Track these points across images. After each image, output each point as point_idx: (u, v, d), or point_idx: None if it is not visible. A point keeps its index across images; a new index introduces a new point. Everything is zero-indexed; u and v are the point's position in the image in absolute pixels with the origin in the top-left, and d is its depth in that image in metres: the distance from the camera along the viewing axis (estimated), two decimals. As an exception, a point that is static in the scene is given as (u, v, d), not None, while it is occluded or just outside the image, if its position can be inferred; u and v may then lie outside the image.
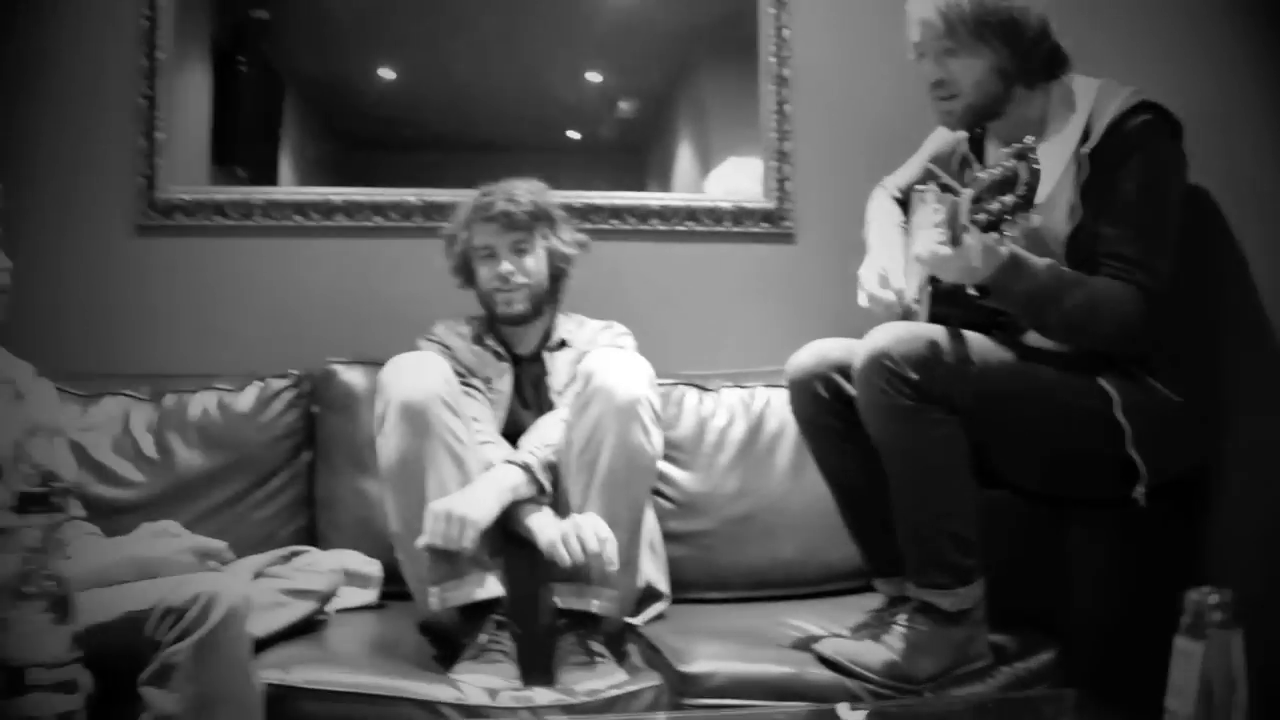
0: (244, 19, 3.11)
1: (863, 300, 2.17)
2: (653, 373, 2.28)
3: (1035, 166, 1.69)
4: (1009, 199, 1.70)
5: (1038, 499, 2.19)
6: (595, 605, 2.14)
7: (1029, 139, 1.74)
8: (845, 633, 2.14)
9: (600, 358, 2.25)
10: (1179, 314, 2.04)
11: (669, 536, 2.62)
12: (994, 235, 1.75)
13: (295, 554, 2.41)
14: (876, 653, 2.02)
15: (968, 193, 1.79)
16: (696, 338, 3.03)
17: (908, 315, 2.18)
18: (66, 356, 2.67)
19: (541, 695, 2.01)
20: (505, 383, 2.52)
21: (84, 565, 1.91)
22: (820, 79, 3.09)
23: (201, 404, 2.70)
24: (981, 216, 1.75)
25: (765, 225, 3.09)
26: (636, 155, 3.24)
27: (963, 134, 2.25)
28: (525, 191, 2.51)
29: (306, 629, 2.26)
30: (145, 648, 1.79)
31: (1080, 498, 2.09)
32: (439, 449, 2.18)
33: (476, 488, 2.17)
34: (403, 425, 2.17)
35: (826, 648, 2.08)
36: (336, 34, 3.09)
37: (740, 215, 3.09)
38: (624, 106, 3.22)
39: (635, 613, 2.40)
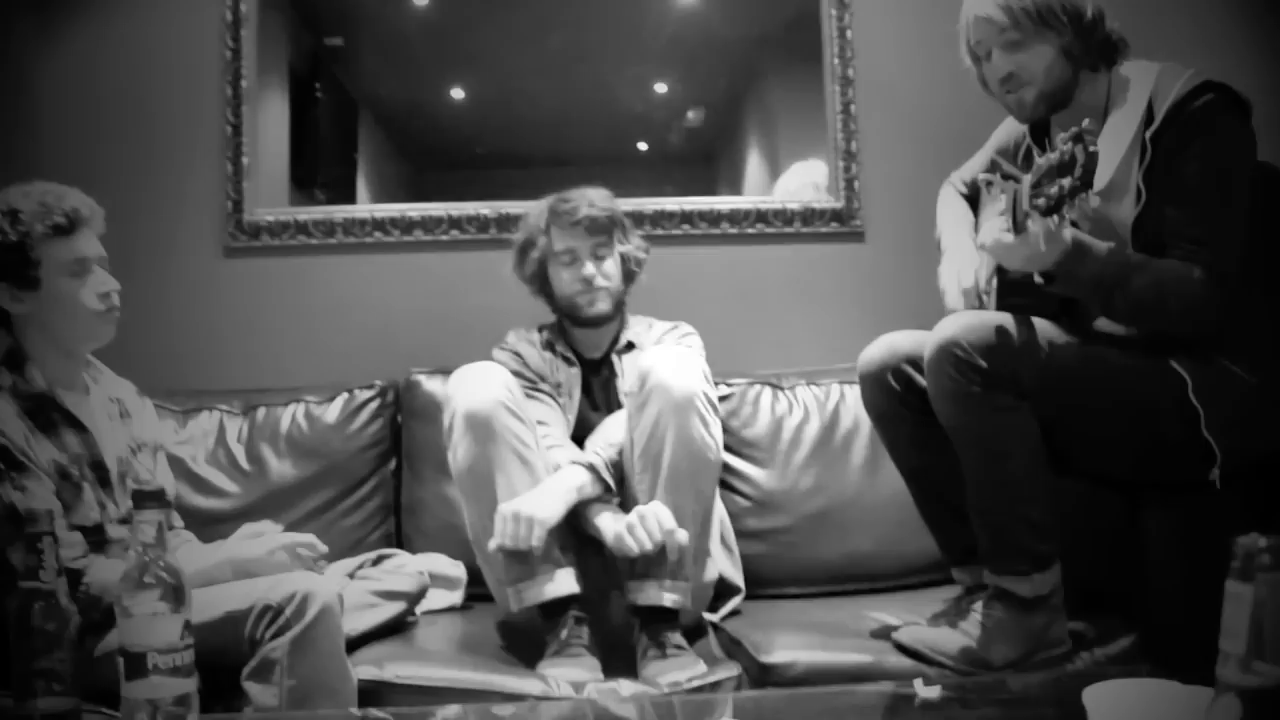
0: (319, 46, 3.23)
1: (949, 303, 2.19)
2: (706, 367, 2.33)
3: (1092, 149, 1.71)
4: (1067, 182, 1.72)
5: (1112, 484, 2.18)
6: (668, 599, 2.18)
7: (1086, 122, 1.76)
8: (923, 622, 2.16)
9: (654, 356, 2.30)
10: (1254, 294, 2.02)
11: (747, 534, 2.66)
12: (1054, 219, 1.77)
13: (384, 557, 2.51)
14: (954, 639, 2.05)
15: (1027, 178, 1.82)
16: (770, 337, 3.08)
17: (979, 305, 2.21)
18: (163, 374, 2.80)
19: (626, 687, 2.06)
20: (576, 387, 2.58)
21: (185, 569, 1.99)
22: (884, 78, 3.12)
23: (291, 416, 2.81)
24: (1041, 201, 1.78)
25: (834, 225, 3.12)
26: (706, 163, 3.29)
27: (1025, 125, 2.26)
28: (602, 198, 2.58)
29: (396, 629, 2.35)
30: (245, 645, 1.88)
31: (1155, 481, 2.09)
32: (505, 454, 2.24)
33: (543, 489, 2.23)
34: (469, 434, 2.25)
35: (904, 636, 2.11)
36: (408, 57, 3.18)
37: (809, 216, 3.13)
38: (692, 115, 3.26)
39: (713, 609, 2.44)
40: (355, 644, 2.14)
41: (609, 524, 2.22)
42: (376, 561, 2.48)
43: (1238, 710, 0.89)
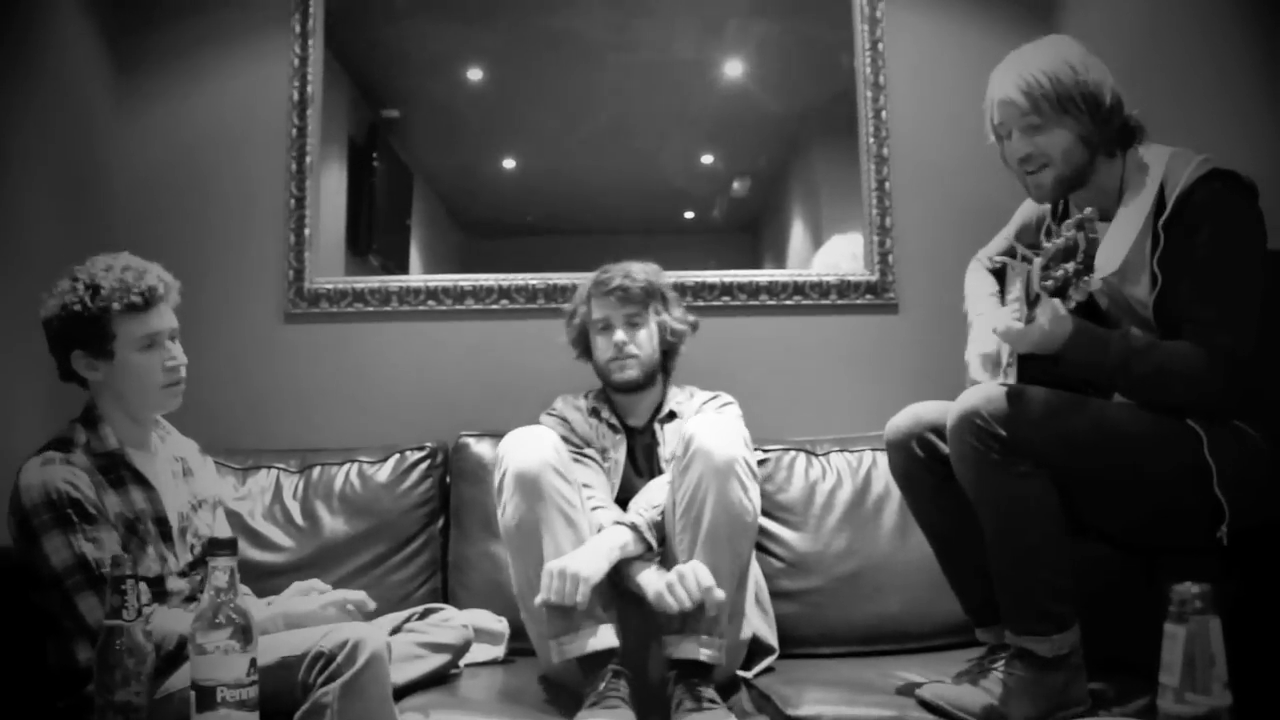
0: (377, 118, 3.39)
1: (972, 375, 2.27)
2: (747, 434, 2.43)
3: (1092, 235, 1.82)
4: (1071, 266, 1.84)
5: (1129, 548, 2.24)
6: (704, 654, 2.26)
7: (1088, 210, 1.86)
8: (947, 680, 2.23)
9: (698, 423, 2.40)
10: (1269, 367, 2.09)
11: (780, 594, 2.74)
12: (1060, 300, 1.87)
13: (431, 611, 2.59)
14: (976, 697, 2.11)
15: (1039, 261, 1.92)
16: (805, 405, 3.18)
17: (1003, 378, 2.29)
18: (224, 433, 2.95)
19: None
20: (620, 452, 2.68)
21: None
22: (918, 156, 3.25)
23: (344, 475, 2.93)
24: (1050, 283, 1.88)
25: (869, 297, 3.23)
26: (750, 234, 3.40)
27: (1047, 205, 2.36)
28: (641, 271, 2.70)
29: (440, 680, 2.44)
30: (299, 690, 1.96)
31: (1170, 546, 2.15)
32: (552, 513, 2.34)
33: (587, 547, 2.33)
34: (518, 493, 2.35)
35: (927, 692, 2.17)
36: (461, 128, 3.33)
37: (845, 288, 3.24)
38: (737, 187, 3.38)
39: (746, 667, 2.52)
40: (401, 693, 2.22)
41: (651, 581, 2.31)
42: (423, 615, 2.57)
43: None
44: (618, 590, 2.39)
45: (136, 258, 2.28)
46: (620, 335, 2.66)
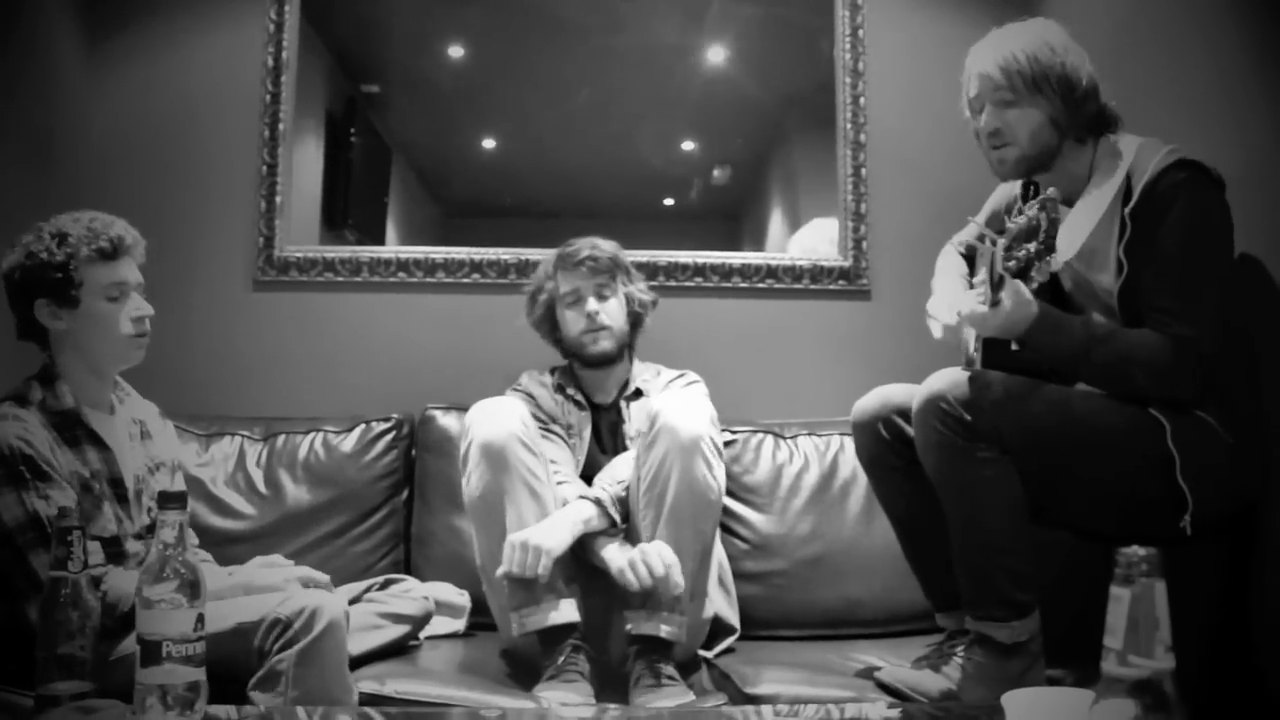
0: (356, 93, 3.36)
1: (936, 332, 2.24)
2: (714, 412, 2.43)
3: (1054, 216, 1.82)
4: (1033, 246, 1.83)
5: (1091, 535, 2.25)
6: (664, 630, 2.26)
7: (1050, 190, 1.87)
8: (907, 665, 2.23)
9: (664, 400, 2.40)
10: (1232, 360, 2.09)
11: (743, 576, 2.74)
12: (1023, 281, 1.88)
13: (392, 581, 2.59)
14: (934, 681, 2.12)
15: (1002, 242, 1.92)
16: (775, 388, 3.18)
17: (969, 363, 2.30)
18: (188, 399, 2.92)
19: (614, 712, 2.14)
20: (585, 429, 2.67)
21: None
22: (895, 143, 3.24)
23: (309, 444, 2.92)
24: (1012, 264, 1.88)
25: (842, 283, 3.23)
26: (730, 220, 3.39)
27: (1017, 189, 2.36)
28: (605, 242, 2.70)
29: (399, 651, 2.43)
30: (254, 656, 1.96)
31: (1130, 535, 2.15)
32: (517, 484, 2.34)
33: (551, 520, 2.32)
34: (483, 463, 2.34)
35: (886, 675, 2.18)
36: (441, 107, 3.31)
37: (818, 273, 3.23)
38: (717, 174, 3.37)
39: (708, 647, 2.52)
40: (358, 663, 2.21)
41: (614, 556, 2.31)
42: (384, 586, 2.56)
43: (1131, 712, 1.00)
44: (581, 565, 2.38)
45: (103, 213, 2.25)
46: (593, 304, 2.65)
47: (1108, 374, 2.07)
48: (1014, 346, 2.08)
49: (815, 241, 3.28)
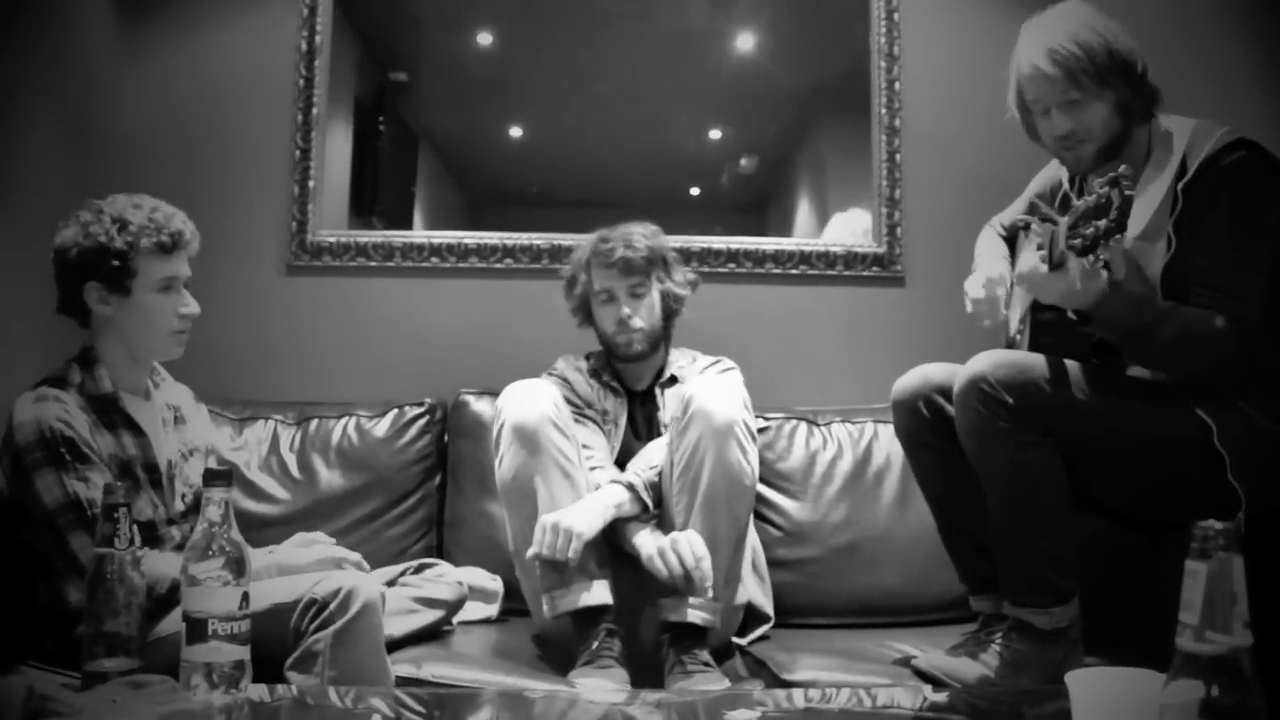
0: (385, 80, 3.36)
1: (968, 306, 2.23)
2: (747, 396, 2.41)
3: (1128, 193, 1.78)
4: (1102, 223, 1.79)
5: (1133, 522, 2.23)
6: (697, 617, 2.25)
7: (1123, 167, 1.83)
8: (943, 652, 2.21)
9: (698, 384, 2.38)
10: (1275, 342, 2.06)
11: (777, 563, 2.73)
12: (1089, 258, 1.84)
13: (426, 566, 2.59)
14: (972, 669, 2.10)
15: (1064, 220, 1.89)
16: (809, 375, 3.16)
17: (1011, 345, 2.27)
18: (222, 383, 2.92)
19: (650, 697, 2.12)
20: (621, 415, 2.66)
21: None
22: (930, 128, 3.21)
23: (342, 429, 2.91)
24: (1077, 241, 1.84)
25: (876, 269, 3.21)
26: (757, 209, 3.37)
27: (1065, 172, 2.32)
28: (641, 236, 2.64)
29: (433, 635, 2.43)
30: (290, 637, 1.96)
31: (1173, 520, 2.13)
32: (549, 466, 2.33)
33: (583, 503, 2.31)
34: (515, 444, 2.34)
35: (923, 663, 2.17)
36: (469, 94, 3.29)
37: (852, 259, 3.21)
38: (745, 162, 3.35)
39: (741, 634, 2.51)
40: (393, 647, 2.20)
41: (646, 542, 2.30)
42: (418, 570, 2.57)
43: (1199, 692, 0.98)
44: (613, 549, 2.37)
45: (162, 202, 2.25)
46: (625, 310, 2.62)
47: (1171, 350, 2.03)
48: (1072, 317, 2.04)
49: (847, 229, 3.26)
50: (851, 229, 3.25)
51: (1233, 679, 0.99)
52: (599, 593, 2.28)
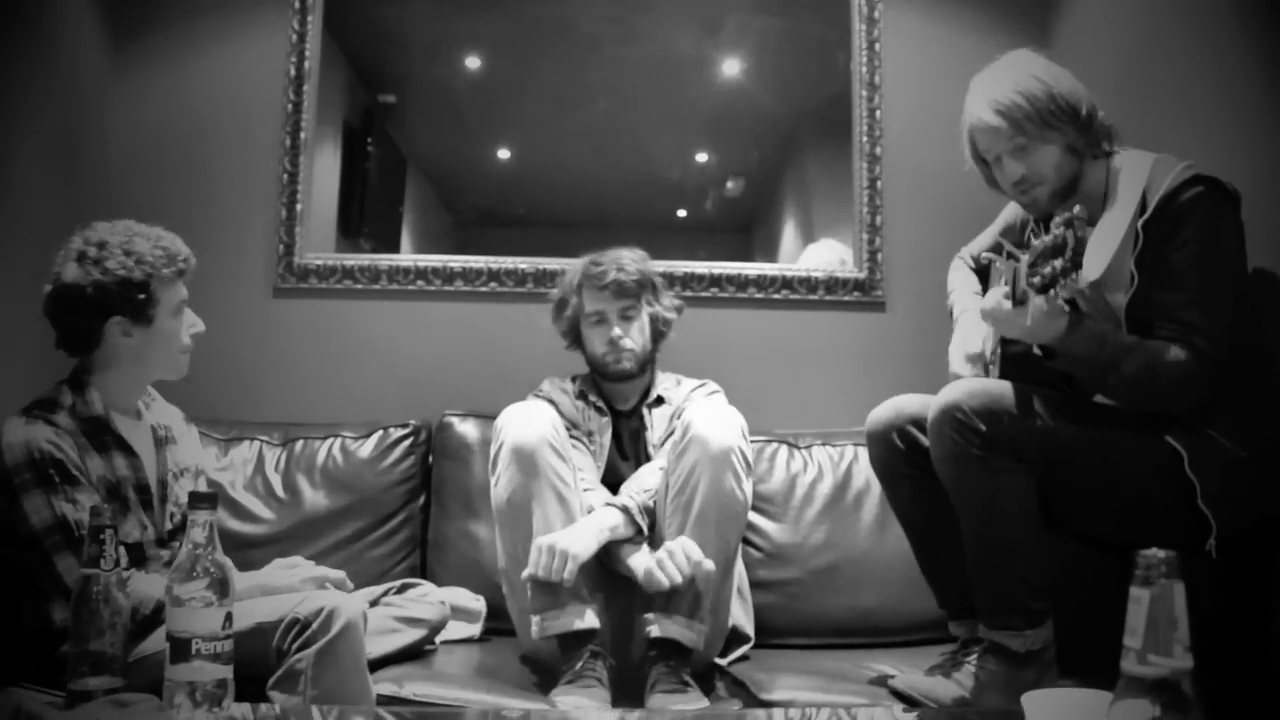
0: (373, 103, 3.39)
1: (953, 369, 2.31)
2: (745, 424, 2.44)
3: (1080, 234, 1.83)
4: (1059, 263, 1.84)
5: (1106, 547, 2.26)
6: (684, 636, 2.28)
7: (1077, 208, 1.88)
8: (920, 673, 2.24)
9: (698, 410, 2.42)
10: (1243, 372, 2.10)
11: (757, 584, 2.76)
12: (1049, 295, 1.89)
13: (409, 585, 2.61)
14: (948, 689, 2.13)
15: (1025, 258, 1.94)
16: (789, 399, 3.19)
17: (984, 373, 2.31)
18: (209, 404, 2.93)
19: (630, 716, 2.15)
20: (606, 436, 2.69)
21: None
22: (910, 156, 3.26)
23: (327, 449, 2.94)
24: (1037, 279, 1.90)
25: (856, 294, 3.25)
26: (743, 233, 3.41)
27: (1033, 209, 2.37)
28: (631, 260, 2.69)
29: (415, 655, 2.44)
30: (273, 656, 1.97)
31: (1147, 546, 2.15)
32: (545, 489, 2.35)
33: (578, 526, 2.34)
34: (513, 466, 2.36)
35: (900, 683, 2.20)
36: (457, 117, 3.33)
37: (833, 285, 3.25)
38: (731, 185, 3.39)
39: (722, 654, 2.53)
40: (375, 666, 2.22)
41: (640, 561, 2.33)
42: (401, 590, 2.59)
43: (1149, 712, 1.02)
44: (604, 572, 2.40)
45: (159, 228, 2.28)
46: (616, 331, 2.66)
47: (1134, 384, 2.06)
48: (1036, 351, 2.09)
49: (828, 254, 3.30)
50: (836, 258, 3.28)
51: (1174, 700, 1.03)
52: (589, 618, 2.30)
